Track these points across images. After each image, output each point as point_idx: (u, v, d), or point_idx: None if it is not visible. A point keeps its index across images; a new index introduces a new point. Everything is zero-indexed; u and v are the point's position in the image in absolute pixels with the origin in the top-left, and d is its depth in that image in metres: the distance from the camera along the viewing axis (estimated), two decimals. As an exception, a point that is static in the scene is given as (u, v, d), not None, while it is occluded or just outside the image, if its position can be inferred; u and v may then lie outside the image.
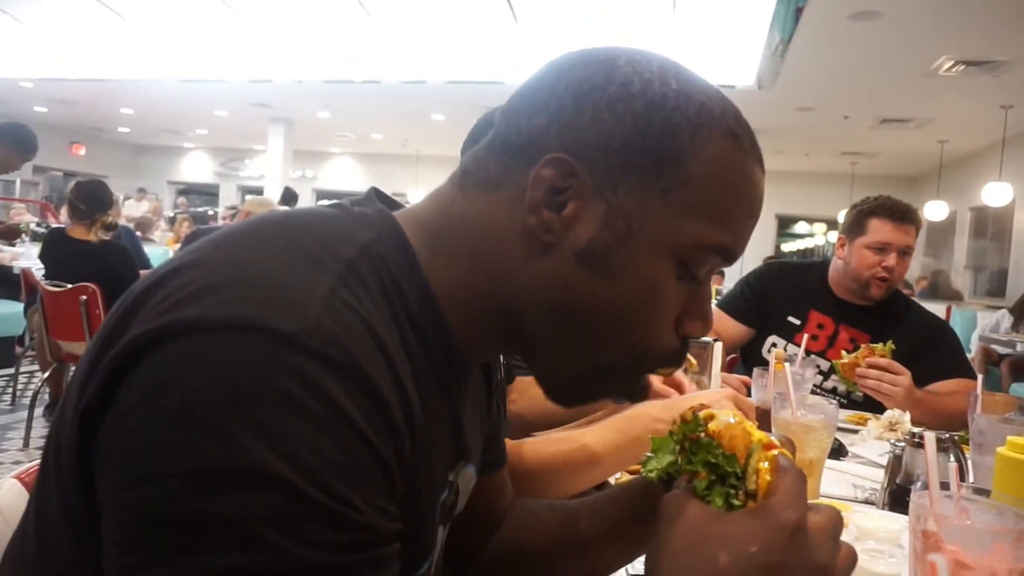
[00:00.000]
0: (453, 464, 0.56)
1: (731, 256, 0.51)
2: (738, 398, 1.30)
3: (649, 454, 0.49)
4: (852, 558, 0.45)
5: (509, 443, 0.86)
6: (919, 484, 0.60)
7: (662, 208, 0.47)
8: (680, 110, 0.48)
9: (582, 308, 0.49)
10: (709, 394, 1.24)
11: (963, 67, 5.70)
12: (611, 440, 1.03)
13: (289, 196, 7.06)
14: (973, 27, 4.88)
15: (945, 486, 0.58)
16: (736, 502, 0.44)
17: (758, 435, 0.46)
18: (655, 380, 1.38)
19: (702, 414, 0.48)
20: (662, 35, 5.96)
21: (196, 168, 15.66)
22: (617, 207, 0.47)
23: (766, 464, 0.44)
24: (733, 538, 0.42)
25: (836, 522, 0.45)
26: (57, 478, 0.45)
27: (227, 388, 0.38)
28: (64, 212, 4.79)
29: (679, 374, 1.39)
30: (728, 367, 2.12)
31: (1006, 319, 5.86)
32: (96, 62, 8.26)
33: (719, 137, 0.48)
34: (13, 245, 4.32)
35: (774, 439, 0.47)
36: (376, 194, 0.57)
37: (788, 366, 1.14)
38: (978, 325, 6.04)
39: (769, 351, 2.00)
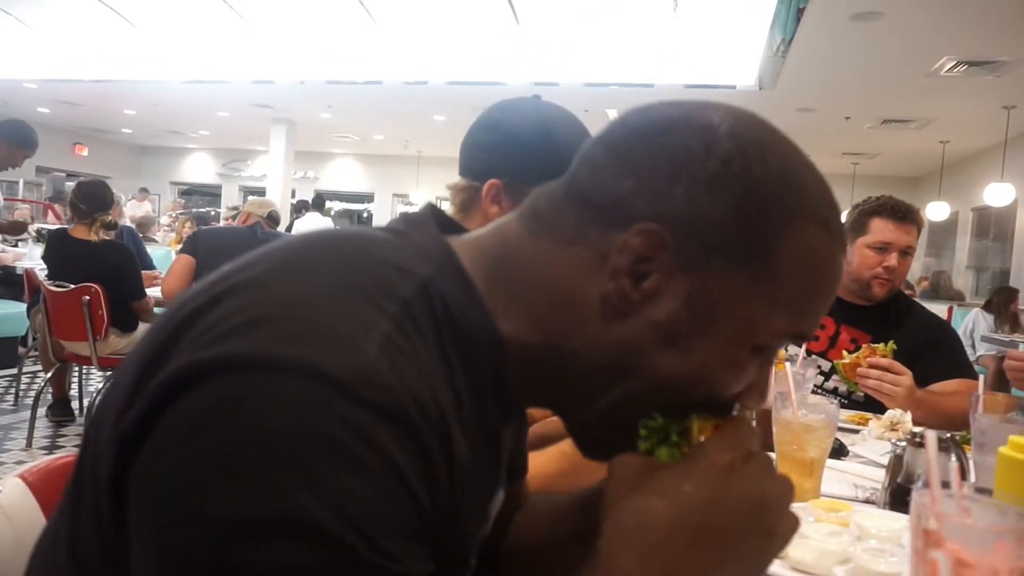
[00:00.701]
0: (492, 496, 0.56)
1: (804, 339, 0.50)
2: None
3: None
4: (795, 522, 0.46)
5: None
6: (920, 483, 0.60)
7: (747, 296, 0.46)
8: (778, 197, 0.46)
9: (646, 379, 0.47)
10: None
11: (965, 67, 5.70)
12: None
13: (302, 207, 7.05)
14: (975, 27, 4.88)
15: (946, 485, 0.58)
16: (678, 454, 0.45)
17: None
18: None
19: None
20: (663, 36, 5.96)
21: (198, 169, 15.68)
22: (701, 289, 0.46)
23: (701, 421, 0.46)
24: (666, 481, 0.43)
25: (768, 461, 0.46)
26: (92, 490, 0.45)
27: (274, 434, 0.37)
28: (67, 212, 4.80)
29: None
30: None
31: (982, 318, 5.85)
32: (99, 63, 8.28)
33: (812, 227, 0.47)
34: (18, 243, 4.33)
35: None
36: (433, 213, 0.55)
37: (789, 366, 1.14)
38: (974, 324, 6.02)
39: (771, 351, 2.00)
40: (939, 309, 5.22)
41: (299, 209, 7.81)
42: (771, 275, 0.46)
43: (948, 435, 1.00)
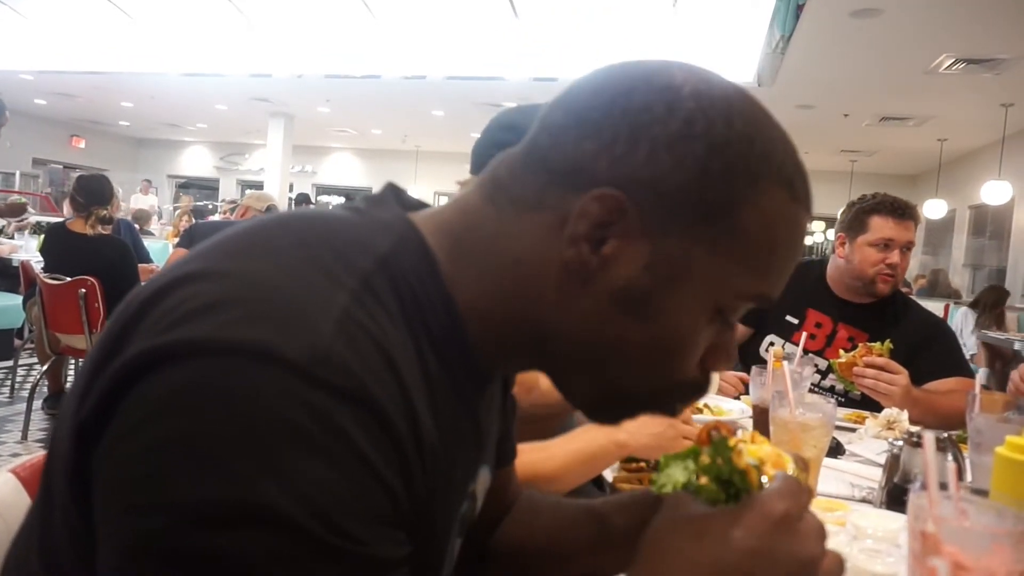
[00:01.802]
0: (473, 474, 0.55)
1: (767, 302, 0.49)
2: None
3: (659, 472, 0.49)
4: (840, 564, 0.45)
5: None
6: (917, 484, 0.59)
7: (709, 259, 0.45)
8: (741, 157, 0.45)
9: (611, 347, 0.47)
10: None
11: (963, 65, 5.70)
12: (576, 451, 1.08)
13: (303, 201, 7.03)
14: (973, 25, 4.87)
15: (943, 487, 0.58)
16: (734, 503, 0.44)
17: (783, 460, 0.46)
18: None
19: (733, 441, 0.48)
20: (663, 31, 5.95)
21: (196, 162, 15.64)
22: (662, 252, 0.45)
23: (766, 479, 0.45)
24: (717, 524, 0.42)
25: (822, 525, 0.45)
26: (58, 484, 0.45)
27: (233, 420, 0.37)
28: (65, 206, 4.78)
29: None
30: (727, 365, 2.12)
31: (969, 317, 5.87)
32: (96, 55, 8.24)
33: (776, 187, 0.46)
34: (21, 225, 4.29)
35: (788, 457, 0.48)
36: (393, 192, 0.54)
37: (787, 364, 1.14)
38: (969, 321, 6.04)
39: (767, 350, 2.00)
40: (936, 307, 5.23)
41: (300, 203, 7.77)
42: (733, 237, 0.45)
43: (945, 435, 1.00)
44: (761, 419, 1.30)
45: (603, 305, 0.46)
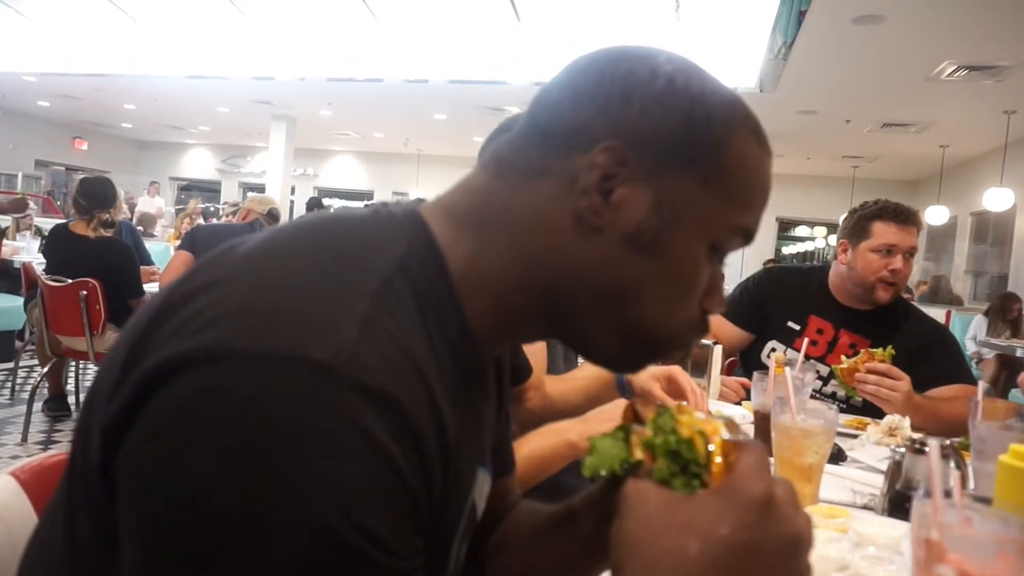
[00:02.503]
0: (474, 475, 0.56)
1: (751, 236, 0.55)
2: (671, 372, 1.32)
3: (588, 456, 0.48)
4: (811, 525, 0.45)
5: None
6: (921, 492, 0.59)
7: (702, 195, 0.51)
8: (717, 108, 0.51)
9: (627, 287, 0.51)
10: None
11: (965, 72, 5.71)
12: (527, 454, 1.08)
13: (314, 206, 6.99)
14: (976, 32, 4.88)
15: (947, 494, 0.57)
16: (697, 484, 0.43)
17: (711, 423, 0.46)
18: (656, 385, 1.38)
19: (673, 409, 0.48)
20: (664, 36, 5.96)
21: (198, 164, 15.66)
22: (664, 194, 0.50)
23: (716, 443, 0.44)
24: (701, 522, 0.41)
25: (794, 491, 0.45)
26: (84, 482, 0.45)
27: (255, 422, 0.37)
28: (68, 207, 4.78)
29: (680, 375, 1.39)
30: (727, 370, 2.12)
31: (983, 324, 5.86)
32: (99, 57, 8.26)
33: (746, 131, 0.53)
34: (24, 221, 4.28)
35: (719, 421, 0.47)
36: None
37: (788, 370, 1.14)
38: (971, 329, 6.03)
39: (768, 356, 1.99)
40: (938, 313, 5.22)
41: (312, 208, 7.75)
42: (720, 175, 0.51)
43: (948, 442, 0.99)
44: (762, 425, 1.29)
45: (618, 249, 0.50)
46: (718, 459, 0.43)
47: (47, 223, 5.30)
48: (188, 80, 8.72)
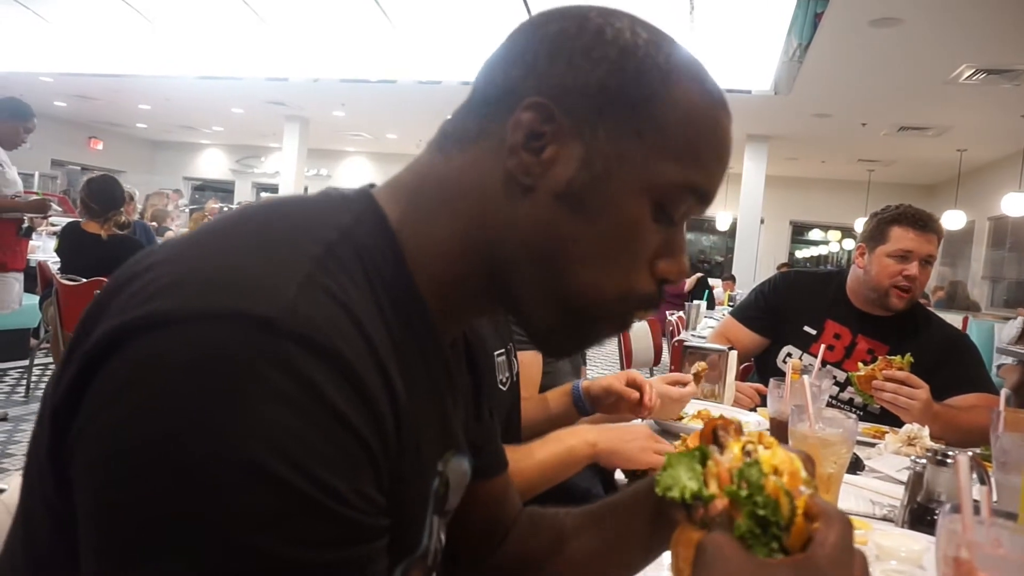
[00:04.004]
0: (441, 453, 0.55)
1: (704, 197, 0.52)
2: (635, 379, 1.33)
3: (663, 471, 0.47)
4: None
5: None
6: (948, 507, 0.57)
7: (638, 149, 0.49)
8: (651, 56, 0.49)
9: (562, 248, 0.49)
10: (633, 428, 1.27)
11: (984, 75, 5.64)
12: (553, 452, 1.09)
13: None
14: (994, 35, 4.82)
15: (975, 509, 0.56)
16: (776, 547, 0.42)
17: (796, 472, 0.44)
18: (617, 381, 1.37)
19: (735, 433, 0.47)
20: (678, 38, 5.93)
21: (212, 165, 15.76)
22: (595, 149, 0.48)
23: (800, 502, 0.43)
24: None
25: (865, 561, 0.44)
26: (40, 479, 0.45)
27: (202, 379, 0.37)
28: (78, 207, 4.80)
29: (638, 376, 1.38)
30: (742, 375, 2.10)
31: (1014, 327, 5.76)
32: (115, 58, 8.33)
33: (687, 81, 0.50)
34: (46, 219, 4.29)
35: (799, 461, 0.46)
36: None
37: (806, 378, 1.12)
38: (995, 336, 5.95)
39: (784, 361, 1.97)
40: (954, 319, 5.15)
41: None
42: (656, 126, 0.49)
43: (970, 453, 0.97)
44: (779, 432, 1.27)
45: (550, 208, 0.49)
46: (799, 516, 0.42)
47: (64, 222, 5.34)
48: (202, 81, 8.78)
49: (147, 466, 0.36)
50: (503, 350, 1.26)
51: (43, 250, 5.47)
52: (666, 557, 0.90)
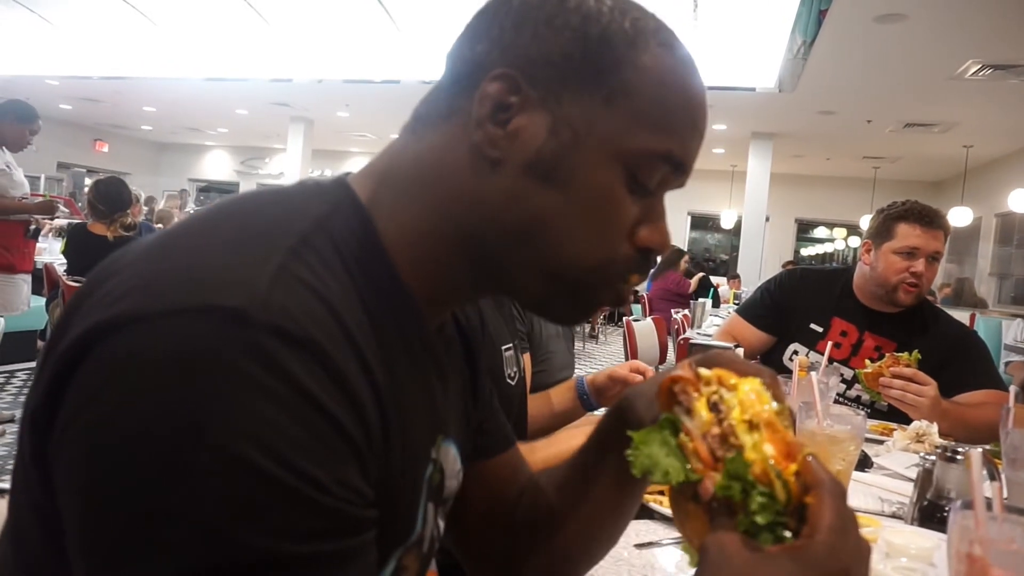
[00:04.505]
0: (433, 439, 0.55)
1: (679, 165, 0.51)
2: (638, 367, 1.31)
3: (633, 449, 0.46)
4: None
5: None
6: (959, 503, 0.57)
7: (606, 116, 0.48)
8: (616, 22, 0.49)
9: (536, 221, 0.49)
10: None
11: (990, 71, 5.61)
12: (556, 453, 1.06)
13: None
14: (1001, 30, 4.79)
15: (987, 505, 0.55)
16: (780, 531, 0.42)
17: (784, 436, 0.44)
18: (621, 368, 1.37)
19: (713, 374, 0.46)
20: (682, 36, 5.91)
21: (216, 166, 15.80)
22: (562, 117, 0.48)
23: (789, 472, 0.42)
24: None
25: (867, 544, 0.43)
26: (24, 484, 0.45)
27: (176, 374, 0.36)
28: (85, 209, 4.82)
29: (641, 364, 1.37)
30: (748, 373, 2.09)
31: (1019, 329, 5.72)
32: (120, 60, 8.36)
33: (655, 47, 0.49)
34: (51, 220, 4.32)
35: (773, 409, 0.45)
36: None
37: (813, 374, 1.11)
38: (1003, 333, 5.91)
39: (791, 359, 1.96)
40: (961, 316, 5.10)
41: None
42: (625, 93, 0.48)
43: (980, 449, 0.97)
44: (786, 430, 1.27)
45: (520, 180, 0.48)
46: (793, 487, 0.42)
47: (69, 224, 5.36)
48: (207, 82, 8.80)
49: (126, 464, 0.36)
50: (511, 345, 1.25)
51: (49, 252, 5.49)
52: (667, 558, 0.90)
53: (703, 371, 0.48)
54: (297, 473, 0.37)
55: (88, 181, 8.61)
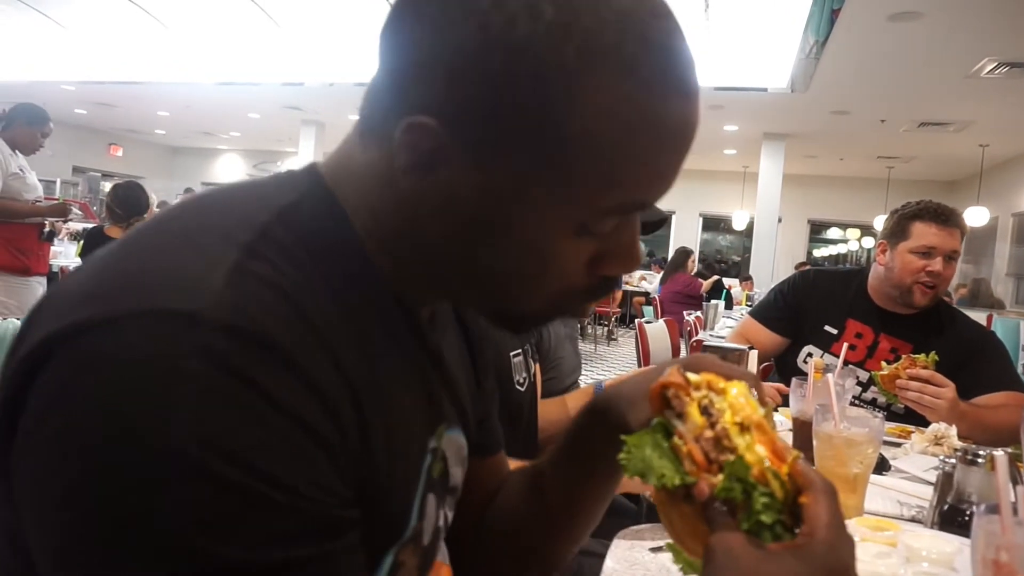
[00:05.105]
0: (432, 428, 0.53)
1: (641, 207, 0.44)
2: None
3: (625, 452, 0.46)
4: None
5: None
6: (984, 508, 0.56)
7: (549, 177, 0.41)
8: (553, 52, 0.38)
9: (479, 269, 0.46)
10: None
11: (1007, 69, 5.54)
12: None
13: None
14: (1018, 27, 4.73)
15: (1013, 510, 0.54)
16: (780, 529, 0.43)
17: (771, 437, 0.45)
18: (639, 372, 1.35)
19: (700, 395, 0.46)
20: (694, 37, 5.89)
21: (229, 169, 15.91)
22: (494, 178, 0.41)
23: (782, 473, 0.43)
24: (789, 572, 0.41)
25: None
26: None
27: (128, 382, 0.36)
28: (102, 213, 4.86)
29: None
30: (762, 376, 2.07)
31: None
32: (134, 65, 8.44)
33: (611, 74, 0.39)
34: (65, 223, 4.36)
35: (760, 414, 0.45)
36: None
37: (829, 377, 1.10)
38: (1021, 334, 5.84)
39: (805, 361, 1.94)
40: (978, 317, 5.06)
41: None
42: (569, 147, 0.40)
43: (1000, 452, 0.95)
44: (802, 433, 1.25)
45: (459, 231, 0.44)
46: (788, 484, 0.43)
47: (83, 228, 5.40)
48: (220, 87, 8.86)
49: (84, 476, 0.35)
50: (519, 351, 1.25)
51: (65, 255, 5.54)
52: (665, 560, 0.89)
53: (692, 376, 0.47)
54: (259, 476, 0.36)
55: (104, 185, 8.70)
